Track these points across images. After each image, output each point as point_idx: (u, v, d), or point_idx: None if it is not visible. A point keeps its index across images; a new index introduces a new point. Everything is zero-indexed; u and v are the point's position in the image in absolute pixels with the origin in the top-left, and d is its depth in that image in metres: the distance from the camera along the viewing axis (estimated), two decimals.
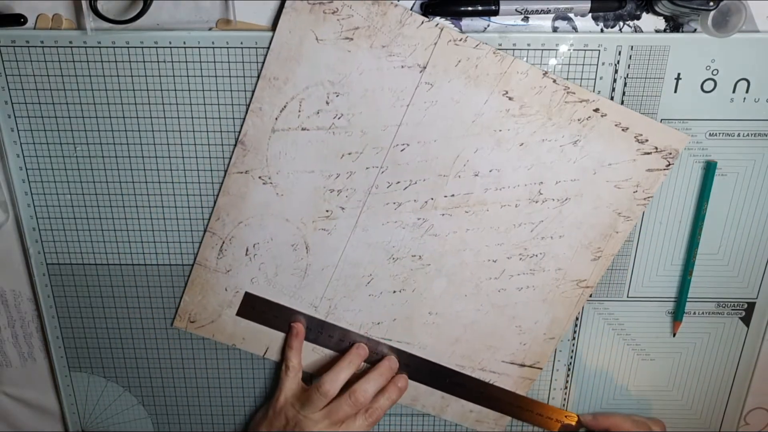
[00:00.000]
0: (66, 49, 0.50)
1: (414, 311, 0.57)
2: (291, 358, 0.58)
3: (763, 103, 0.52)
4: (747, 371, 0.61)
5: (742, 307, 0.59)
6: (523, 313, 0.57)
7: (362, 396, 0.56)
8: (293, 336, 0.58)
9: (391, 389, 0.58)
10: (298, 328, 0.58)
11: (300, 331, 0.58)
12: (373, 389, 0.57)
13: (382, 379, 0.57)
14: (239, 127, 0.52)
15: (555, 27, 0.50)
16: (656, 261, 0.57)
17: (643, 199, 0.53)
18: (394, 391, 0.58)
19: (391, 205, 0.54)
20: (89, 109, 0.52)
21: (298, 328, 0.58)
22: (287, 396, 0.58)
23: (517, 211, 0.53)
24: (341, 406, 0.55)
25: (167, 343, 0.61)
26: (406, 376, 0.59)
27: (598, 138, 0.51)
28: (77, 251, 0.57)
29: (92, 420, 0.64)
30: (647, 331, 0.60)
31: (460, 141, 0.51)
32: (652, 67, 0.50)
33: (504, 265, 0.55)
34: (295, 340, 0.58)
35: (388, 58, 0.49)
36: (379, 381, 0.57)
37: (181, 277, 0.58)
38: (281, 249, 0.55)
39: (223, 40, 0.50)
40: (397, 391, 0.58)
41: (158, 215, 0.56)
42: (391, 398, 0.57)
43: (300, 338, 0.58)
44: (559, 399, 0.62)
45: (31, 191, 0.55)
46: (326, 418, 0.55)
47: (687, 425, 0.64)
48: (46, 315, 0.59)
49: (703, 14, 0.47)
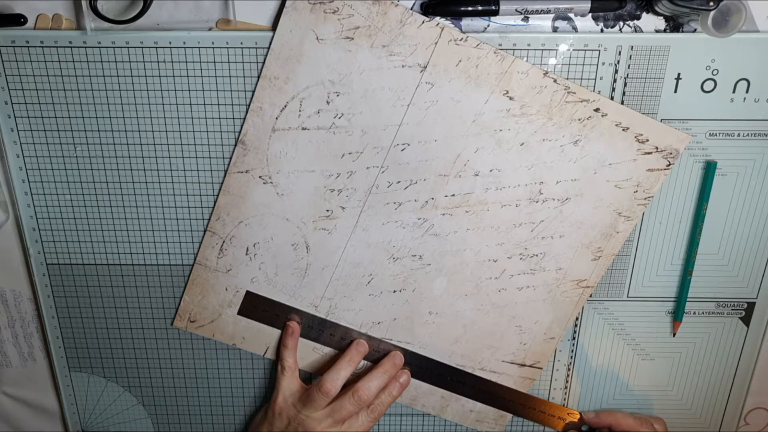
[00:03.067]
0: (66, 49, 0.50)
1: (414, 311, 0.57)
2: (286, 358, 0.58)
3: (763, 103, 0.52)
4: (747, 371, 0.61)
5: (742, 307, 0.59)
6: (524, 313, 0.57)
7: (365, 394, 0.56)
8: (288, 335, 0.57)
9: (392, 385, 0.57)
10: (293, 326, 0.58)
11: (295, 330, 0.58)
12: (377, 387, 0.57)
13: (386, 376, 0.57)
14: (239, 126, 0.52)
15: (555, 27, 0.50)
16: (656, 261, 0.57)
17: (643, 198, 0.53)
18: (395, 387, 0.58)
19: (391, 205, 0.54)
20: (89, 109, 0.52)
21: (293, 327, 0.58)
22: (286, 396, 0.57)
23: (518, 211, 0.53)
24: (344, 405, 0.55)
25: (167, 343, 0.61)
26: (408, 371, 0.59)
27: (598, 138, 0.51)
28: (77, 251, 0.57)
29: (92, 420, 0.64)
30: (647, 331, 0.60)
31: (461, 141, 0.51)
32: (652, 67, 0.50)
33: (504, 264, 0.55)
34: (290, 339, 0.58)
35: (388, 58, 0.49)
36: (383, 378, 0.57)
37: (181, 277, 0.58)
38: (281, 248, 0.55)
39: (223, 40, 0.50)
40: (399, 386, 0.58)
41: (158, 215, 0.56)
42: (392, 394, 0.57)
43: (295, 337, 0.58)
44: (559, 399, 0.62)
45: (31, 191, 0.55)
46: (329, 417, 0.55)
47: (687, 425, 0.64)
48: (46, 315, 0.59)
49: (703, 14, 0.47)
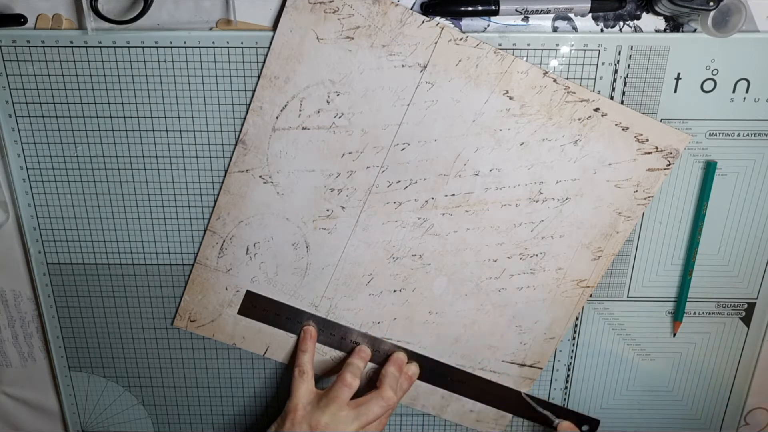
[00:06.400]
0: (67, 49, 0.50)
1: (414, 311, 0.57)
2: (305, 362, 0.56)
3: (763, 103, 0.52)
4: (747, 371, 0.61)
5: (742, 307, 0.59)
6: (524, 313, 0.57)
7: (392, 396, 0.55)
8: (307, 338, 0.57)
9: (401, 380, 0.57)
10: (311, 330, 0.58)
11: (313, 334, 0.58)
12: (394, 388, 0.56)
13: (398, 374, 0.57)
14: (240, 126, 0.52)
15: (555, 27, 0.50)
16: (656, 261, 0.57)
17: (643, 198, 0.53)
18: (405, 381, 0.58)
19: (391, 205, 0.54)
20: (90, 109, 0.52)
21: (311, 331, 0.58)
22: (304, 403, 0.54)
23: (518, 211, 0.53)
24: (371, 408, 0.53)
25: (167, 343, 0.61)
26: (415, 362, 0.59)
27: (598, 138, 0.51)
28: (77, 251, 0.57)
29: (92, 420, 0.64)
30: (647, 331, 0.60)
31: (461, 140, 0.51)
32: (652, 67, 0.50)
33: (504, 264, 0.55)
34: (309, 342, 0.57)
35: (388, 58, 0.49)
36: (396, 375, 0.57)
37: (181, 277, 0.58)
38: (282, 248, 0.55)
39: (223, 40, 0.50)
40: (408, 380, 0.58)
41: (158, 215, 0.56)
42: (402, 388, 0.58)
43: (314, 340, 0.58)
44: (559, 399, 0.62)
45: (32, 191, 0.55)
46: (356, 420, 0.53)
47: (687, 425, 0.64)
48: (46, 315, 0.59)
49: (703, 14, 0.47)
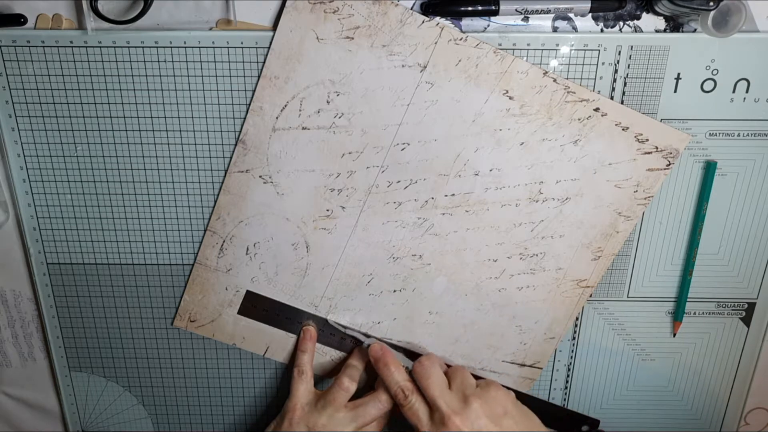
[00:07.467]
0: (67, 49, 0.50)
1: (414, 311, 0.57)
2: (305, 363, 0.57)
3: (763, 103, 0.52)
4: (747, 371, 0.61)
5: (742, 307, 0.59)
6: (524, 313, 0.57)
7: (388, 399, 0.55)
8: (307, 339, 0.57)
9: None
10: (311, 330, 0.58)
11: (314, 334, 0.58)
12: None
13: None
14: (240, 126, 0.52)
15: (555, 27, 0.50)
16: (656, 261, 0.57)
17: (643, 198, 0.53)
18: None
19: (391, 205, 0.54)
20: (90, 109, 0.52)
21: (311, 331, 0.58)
22: (303, 404, 0.55)
23: (518, 211, 0.53)
24: (368, 410, 0.54)
25: (167, 343, 0.61)
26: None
27: (598, 137, 0.51)
28: (77, 251, 0.57)
29: (92, 420, 0.64)
30: (647, 331, 0.60)
31: (461, 140, 0.51)
32: (652, 67, 0.50)
33: (504, 264, 0.55)
34: (309, 343, 0.57)
35: (388, 58, 0.49)
36: None
37: (181, 277, 0.58)
38: (282, 248, 0.55)
39: (223, 40, 0.50)
40: None
41: (158, 215, 0.56)
42: None
43: (314, 341, 0.58)
44: (559, 399, 0.62)
45: (32, 191, 0.55)
46: (353, 422, 0.54)
47: (687, 425, 0.64)
48: (46, 315, 0.59)
49: (703, 14, 0.47)
